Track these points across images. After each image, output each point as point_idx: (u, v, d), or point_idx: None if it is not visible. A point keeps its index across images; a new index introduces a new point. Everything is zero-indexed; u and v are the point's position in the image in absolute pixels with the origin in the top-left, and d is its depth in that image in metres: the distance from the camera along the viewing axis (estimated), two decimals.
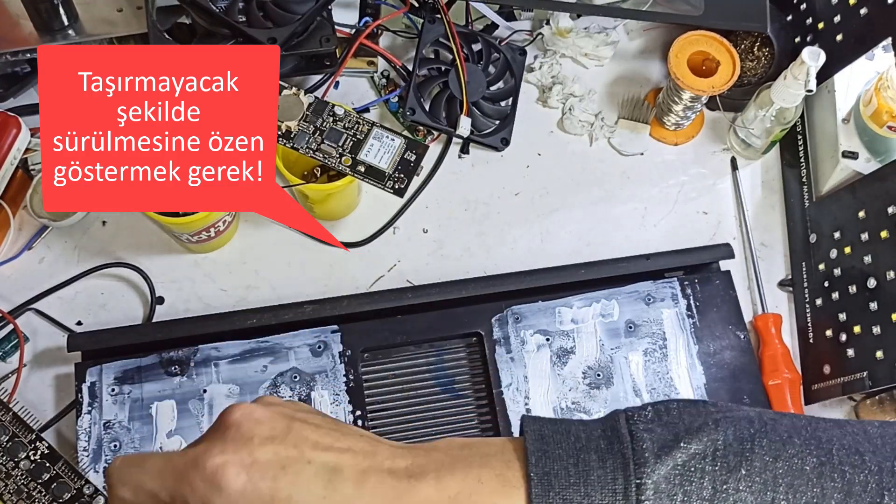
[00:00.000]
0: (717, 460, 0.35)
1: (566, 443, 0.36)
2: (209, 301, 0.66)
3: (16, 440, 0.56)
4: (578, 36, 0.75)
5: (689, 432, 0.36)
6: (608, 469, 0.35)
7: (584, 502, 0.35)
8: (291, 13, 0.66)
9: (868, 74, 0.68)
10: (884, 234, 0.60)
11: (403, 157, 0.59)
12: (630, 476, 0.35)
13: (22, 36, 0.66)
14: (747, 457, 0.35)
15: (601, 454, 0.35)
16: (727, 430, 0.36)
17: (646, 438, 0.36)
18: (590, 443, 0.36)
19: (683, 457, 0.35)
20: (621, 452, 0.35)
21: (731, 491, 0.35)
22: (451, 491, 0.34)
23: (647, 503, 0.34)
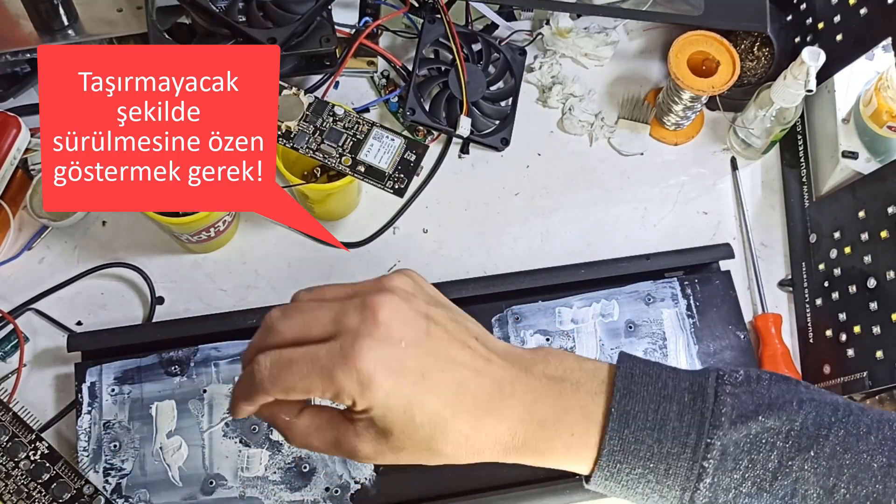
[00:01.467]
0: (789, 438, 0.37)
1: (653, 387, 0.38)
2: (209, 301, 0.66)
3: (16, 440, 0.56)
4: (578, 36, 0.75)
5: (771, 407, 0.37)
6: (685, 423, 0.37)
7: (655, 447, 0.37)
8: (291, 13, 0.66)
9: (868, 74, 0.68)
10: (884, 234, 0.60)
11: (403, 157, 0.59)
12: (703, 434, 0.37)
13: (22, 36, 0.66)
14: (820, 442, 0.36)
15: (682, 407, 0.38)
16: (808, 413, 0.37)
17: (727, 402, 0.37)
18: (675, 393, 0.38)
19: (758, 428, 0.37)
20: (701, 411, 0.37)
21: (795, 469, 0.36)
22: (539, 415, 0.38)
23: (713, 461, 0.36)
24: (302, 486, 0.57)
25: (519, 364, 0.39)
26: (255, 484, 0.57)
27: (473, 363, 0.38)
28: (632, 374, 0.39)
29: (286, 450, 0.58)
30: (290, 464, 0.58)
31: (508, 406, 0.38)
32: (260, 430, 0.59)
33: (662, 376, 0.39)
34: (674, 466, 0.37)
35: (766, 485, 0.36)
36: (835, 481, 0.36)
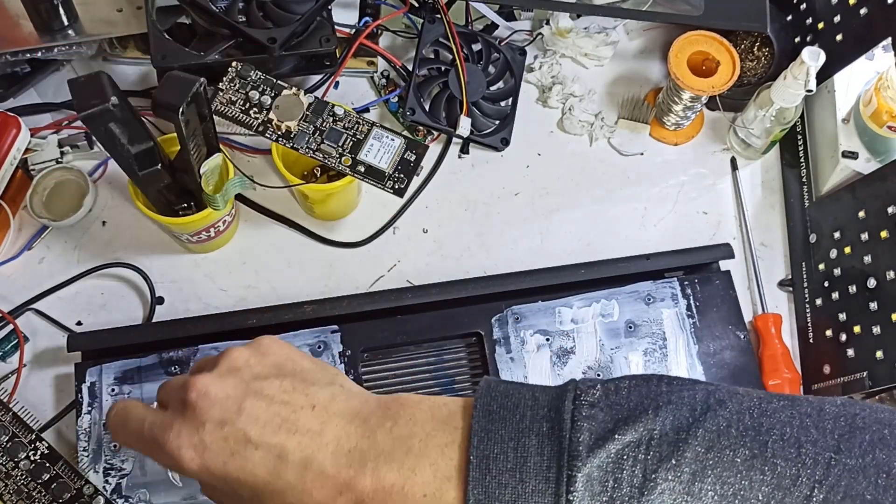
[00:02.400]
0: (650, 449, 0.36)
1: (511, 421, 0.37)
2: (209, 301, 0.66)
3: (16, 440, 0.56)
4: (578, 36, 0.75)
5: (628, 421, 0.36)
6: (545, 456, 0.36)
7: (519, 487, 0.36)
8: (291, 13, 0.66)
9: (868, 74, 0.68)
10: (884, 234, 0.60)
11: (403, 157, 0.59)
12: (563, 466, 0.36)
13: (22, 36, 0.66)
14: (679, 447, 0.36)
15: (541, 439, 0.36)
16: (665, 419, 0.36)
17: (584, 429, 0.36)
18: (533, 424, 0.37)
19: (618, 446, 0.36)
20: (559, 440, 0.36)
21: (659, 480, 0.35)
22: (386, 483, 0.36)
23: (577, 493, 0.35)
24: None
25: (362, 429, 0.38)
26: None
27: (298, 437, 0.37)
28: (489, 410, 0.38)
29: None
30: None
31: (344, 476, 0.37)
32: None
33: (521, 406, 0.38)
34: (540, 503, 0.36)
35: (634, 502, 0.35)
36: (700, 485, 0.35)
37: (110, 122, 0.50)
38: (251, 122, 0.59)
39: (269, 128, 0.59)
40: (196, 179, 0.56)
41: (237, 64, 0.60)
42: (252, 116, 0.59)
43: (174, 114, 0.49)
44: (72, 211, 0.66)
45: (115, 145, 0.52)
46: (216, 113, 0.59)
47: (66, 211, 0.66)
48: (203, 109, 0.53)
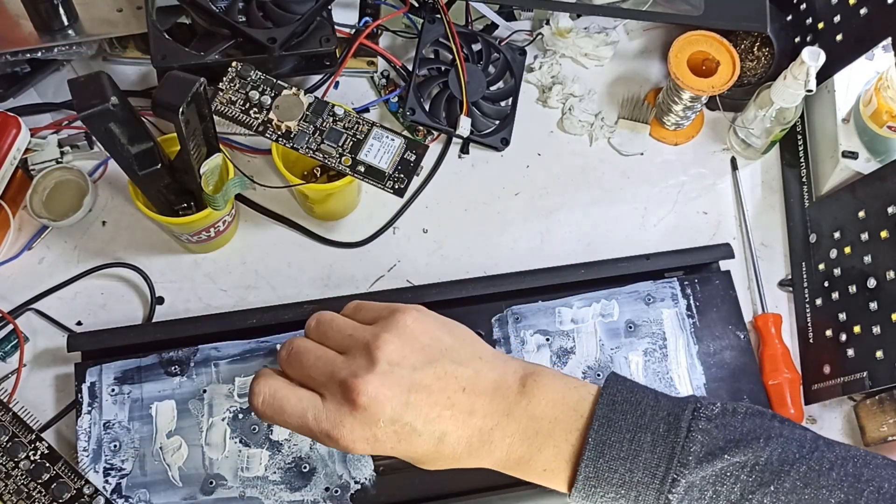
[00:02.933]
0: (753, 472, 0.39)
1: (632, 415, 0.41)
2: (209, 301, 0.66)
3: (16, 440, 0.56)
4: (578, 36, 0.75)
5: (739, 443, 0.39)
6: (656, 455, 0.40)
7: (627, 476, 0.40)
8: (291, 13, 0.66)
9: (868, 74, 0.68)
10: (884, 234, 0.60)
11: (403, 157, 0.59)
12: (671, 469, 0.39)
13: (22, 36, 0.66)
14: (781, 477, 0.38)
15: (656, 437, 0.40)
16: (774, 450, 0.39)
17: (697, 440, 0.39)
18: (651, 423, 0.41)
19: (725, 464, 0.39)
20: (672, 444, 0.40)
21: (755, 501, 0.38)
22: (515, 456, 0.43)
23: (677, 495, 0.39)
24: (302, 486, 0.57)
25: (503, 405, 0.44)
26: (255, 484, 0.57)
27: (454, 420, 0.43)
28: (614, 401, 0.42)
29: (286, 450, 0.58)
30: (290, 464, 0.58)
31: (486, 451, 0.44)
32: (260, 430, 0.59)
33: (643, 404, 0.42)
34: (643, 495, 0.40)
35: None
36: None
37: (110, 122, 0.50)
38: (251, 122, 0.59)
39: (269, 128, 0.59)
40: (196, 179, 0.56)
41: (237, 64, 0.60)
42: (252, 116, 0.59)
43: (174, 114, 0.49)
44: (72, 211, 0.66)
45: (115, 145, 0.52)
46: (216, 113, 0.59)
47: (66, 211, 0.66)
48: (203, 109, 0.53)
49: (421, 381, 0.43)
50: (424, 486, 0.58)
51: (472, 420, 0.43)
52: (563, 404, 0.43)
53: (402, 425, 0.42)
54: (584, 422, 0.42)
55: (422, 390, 0.42)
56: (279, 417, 0.44)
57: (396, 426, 0.42)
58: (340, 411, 0.42)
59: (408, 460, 0.44)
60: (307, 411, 0.43)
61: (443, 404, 0.43)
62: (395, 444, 0.42)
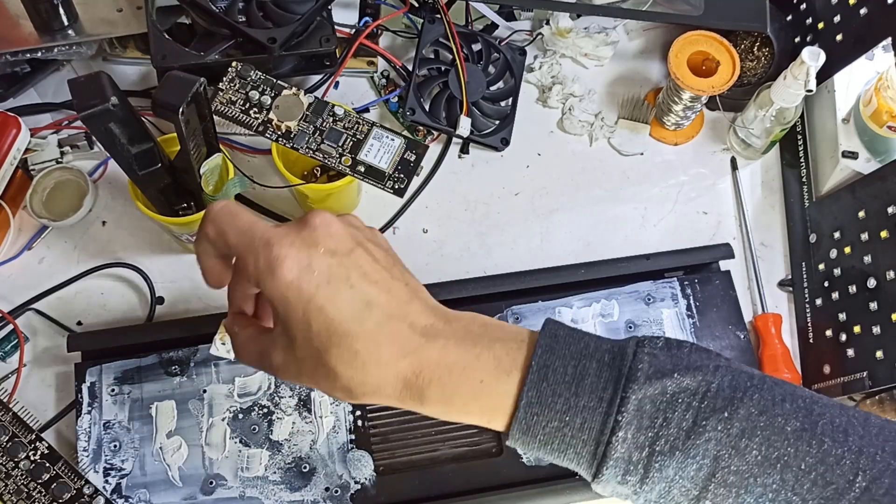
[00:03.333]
0: (705, 399, 0.37)
1: (575, 347, 0.39)
2: (209, 301, 0.66)
3: (16, 440, 0.56)
4: (578, 36, 0.75)
5: (689, 368, 0.38)
6: (602, 378, 0.38)
7: (572, 400, 0.37)
8: (291, 13, 0.66)
9: (868, 74, 0.68)
10: (884, 234, 0.60)
11: (403, 157, 0.59)
12: (618, 389, 0.37)
13: (22, 36, 0.66)
14: (734, 404, 0.37)
15: (601, 364, 0.38)
16: (724, 377, 0.38)
17: (645, 360, 0.38)
18: (596, 352, 0.39)
19: (673, 387, 0.37)
20: (619, 367, 0.38)
21: (709, 429, 0.36)
22: (449, 359, 0.38)
23: (626, 415, 0.36)
24: (302, 486, 0.57)
25: (440, 314, 0.40)
26: (255, 484, 0.57)
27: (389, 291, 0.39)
28: (556, 334, 0.39)
29: (286, 450, 0.58)
30: (290, 464, 0.58)
31: (416, 342, 0.38)
32: (260, 431, 0.59)
33: (585, 339, 0.40)
34: (589, 420, 0.37)
35: (679, 443, 0.36)
36: (747, 442, 0.36)
37: (110, 122, 0.50)
38: (251, 122, 0.59)
39: (269, 128, 0.59)
40: (196, 179, 0.56)
41: (237, 64, 0.60)
42: (252, 116, 0.59)
43: (174, 114, 0.49)
44: (72, 211, 0.66)
45: (115, 145, 0.52)
46: (216, 113, 0.59)
47: (66, 211, 0.66)
48: (203, 109, 0.53)
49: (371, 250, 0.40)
50: (424, 486, 0.58)
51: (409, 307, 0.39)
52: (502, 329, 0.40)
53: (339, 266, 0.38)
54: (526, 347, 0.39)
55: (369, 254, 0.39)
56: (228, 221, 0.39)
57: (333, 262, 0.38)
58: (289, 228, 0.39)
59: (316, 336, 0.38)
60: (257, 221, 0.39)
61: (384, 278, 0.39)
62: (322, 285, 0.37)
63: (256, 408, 0.59)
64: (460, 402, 0.39)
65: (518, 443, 0.39)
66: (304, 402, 0.60)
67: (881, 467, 0.36)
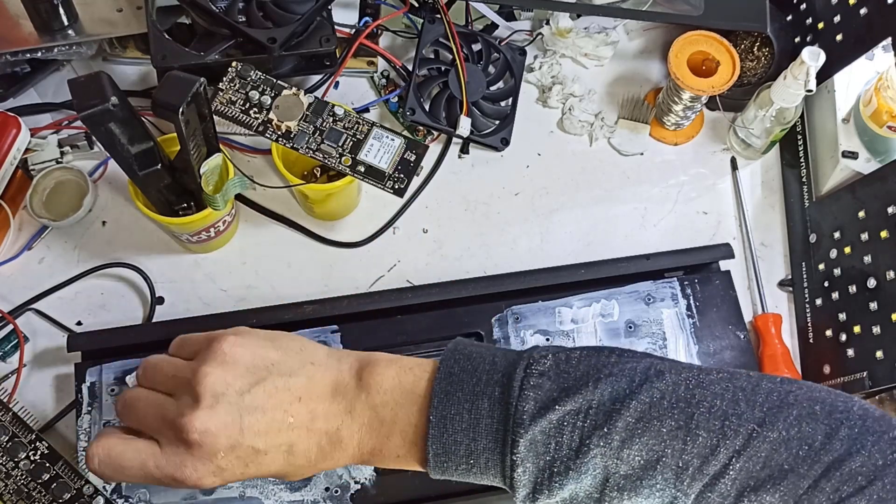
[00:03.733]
0: (587, 417, 0.40)
1: (468, 384, 0.42)
2: (209, 301, 0.66)
3: (16, 440, 0.56)
4: (578, 36, 0.75)
5: (570, 391, 0.40)
6: (495, 419, 0.41)
7: (472, 445, 0.41)
8: (291, 13, 0.66)
9: (868, 74, 0.68)
10: (884, 234, 0.60)
11: (403, 157, 0.59)
12: (508, 431, 0.40)
13: (22, 36, 0.66)
14: (612, 417, 0.39)
15: (492, 403, 0.41)
16: (605, 390, 0.40)
17: (529, 398, 0.40)
18: (487, 388, 0.42)
19: (559, 414, 0.40)
20: (506, 405, 0.41)
21: (593, 445, 0.39)
22: (367, 449, 0.44)
23: (519, 454, 0.40)
24: (302, 486, 0.57)
25: (343, 404, 0.44)
26: (254, 484, 0.57)
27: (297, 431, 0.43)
28: (451, 373, 0.43)
29: None
30: None
31: (339, 451, 0.44)
32: None
33: (479, 370, 0.43)
34: (491, 460, 0.41)
35: (570, 463, 0.39)
36: (628, 451, 0.39)
37: (110, 122, 0.50)
38: (251, 122, 0.59)
39: (269, 128, 0.59)
40: (196, 179, 0.56)
41: (237, 64, 0.60)
42: (252, 116, 0.59)
43: (174, 114, 0.49)
44: (72, 211, 0.66)
45: (115, 145, 0.52)
46: (216, 113, 0.59)
47: (66, 211, 0.66)
48: (203, 109, 0.53)
49: (252, 403, 0.42)
50: (424, 486, 0.58)
51: (316, 425, 0.43)
52: (400, 389, 0.44)
53: (244, 450, 0.42)
54: (424, 401, 0.43)
55: (254, 412, 0.42)
56: (120, 475, 0.43)
57: (238, 452, 0.42)
58: (178, 453, 0.42)
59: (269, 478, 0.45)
60: (147, 461, 0.42)
61: (280, 420, 0.43)
62: (244, 469, 0.42)
63: None
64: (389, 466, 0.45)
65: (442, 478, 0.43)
66: None
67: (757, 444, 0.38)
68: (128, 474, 0.43)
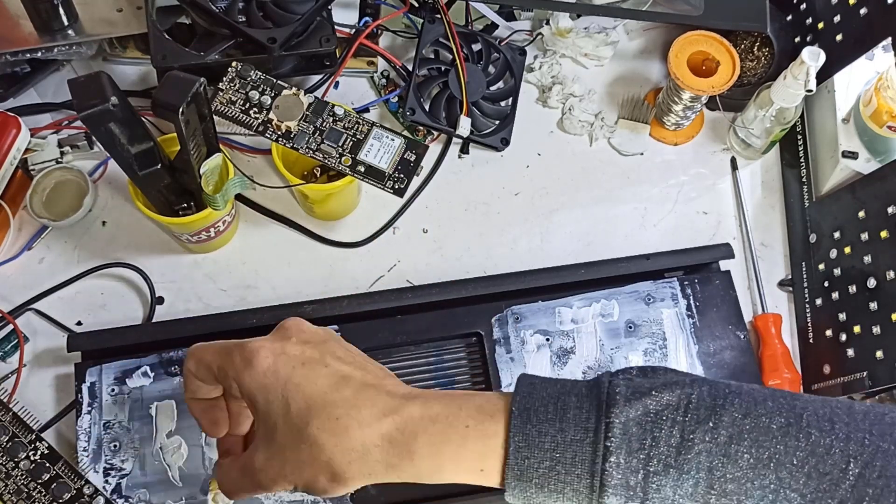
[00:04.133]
0: (688, 412, 0.37)
1: (551, 388, 0.40)
2: (209, 301, 0.66)
3: (16, 440, 0.56)
4: (578, 36, 0.75)
5: (665, 385, 0.38)
6: (584, 409, 0.38)
7: (559, 437, 0.38)
8: (291, 13, 0.66)
9: (868, 74, 0.68)
10: (884, 234, 0.60)
11: (403, 157, 0.59)
12: (601, 415, 0.37)
13: (22, 36, 0.66)
14: (717, 411, 0.37)
15: (580, 397, 0.39)
16: (702, 388, 0.38)
17: (621, 384, 0.38)
18: (573, 388, 0.40)
19: (654, 405, 0.37)
20: (597, 396, 0.38)
21: (696, 441, 0.36)
22: (432, 411, 0.39)
23: (615, 440, 0.37)
24: None
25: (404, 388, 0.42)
26: None
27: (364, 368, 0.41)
28: (531, 381, 0.41)
29: None
30: None
31: (395, 402, 0.40)
32: None
33: (560, 382, 0.41)
34: (579, 453, 0.37)
35: (671, 461, 0.36)
36: (736, 447, 0.36)
37: (110, 122, 0.50)
38: (251, 122, 0.59)
39: (269, 128, 0.59)
40: (196, 179, 0.56)
41: (237, 64, 0.60)
42: (252, 116, 0.59)
43: (174, 114, 0.49)
44: (72, 211, 0.66)
45: (115, 145, 0.52)
46: (216, 113, 0.59)
47: (66, 211, 0.66)
48: (203, 109, 0.53)
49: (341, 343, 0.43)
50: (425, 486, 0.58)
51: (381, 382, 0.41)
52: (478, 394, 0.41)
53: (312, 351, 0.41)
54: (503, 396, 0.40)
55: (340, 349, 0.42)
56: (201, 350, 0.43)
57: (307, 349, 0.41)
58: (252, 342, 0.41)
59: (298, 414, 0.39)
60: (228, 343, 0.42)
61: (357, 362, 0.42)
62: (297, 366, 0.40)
63: None
64: (450, 451, 0.39)
65: (516, 491, 0.39)
66: None
67: (871, 451, 0.36)
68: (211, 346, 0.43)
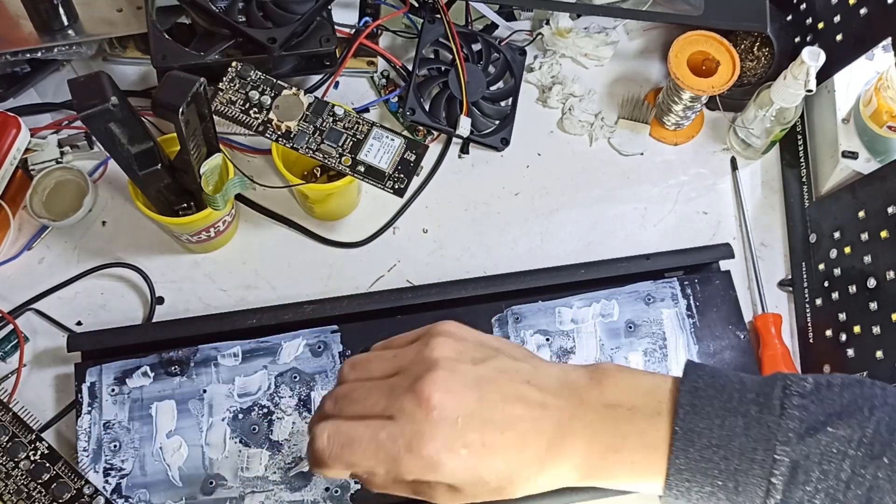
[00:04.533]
0: (861, 446, 0.36)
1: (718, 400, 0.38)
2: (209, 301, 0.66)
3: (16, 440, 0.56)
4: (578, 36, 0.75)
5: (841, 416, 0.36)
6: (751, 438, 0.36)
7: (722, 464, 0.37)
8: (291, 13, 0.66)
9: (868, 74, 0.68)
10: (884, 234, 0.60)
11: (403, 157, 0.59)
12: (770, 450, 0.36)
13: (22, 36, 0.66)
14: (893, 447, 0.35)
15: (748, 420, 0.37)
16: (881, 419, 0.36)
17: (795, 416, 0.36)
18: (741, 406, 0.38)
19: (828, 439, 0.36)
20: (767, 424, 0.36)
21: (868, 477, 0.35)
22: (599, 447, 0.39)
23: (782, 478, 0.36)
24: (302, 486, 0.57)
25: (573, 396, 0.40)
26: (255, 484, 0.57)
27: (530, 414, 0.39)
28: (696, 387, 0.39)
29: (286, 450, 0.58)
30: (289, 464, 0.58)
31: (569, 445, 0.39)
32: (260, 431, 0.59)
33: (728, 388, 0.39)
34: (742, 484, 0.37)
35: (839, 495, 0.35)
36: None
37: (110, 122, 0.50)
38: (251, 122, 0.59)
39: (269, 128, 0.59)
40: (196, 179, 0.56)
41: (237, 64, 0.60)
42: (252, 116, 0.59)
43: (174, 114, 0.49)
44: (72, 211, 0.66)
45: (115, 145, 0.52)
46: (216, 113, 0.59)
47: (66, 211, 0.66)
48: (203, 109, 0.53)
49: (485, 374, 0.40)
50: None
51: (546, 413, 0.39)
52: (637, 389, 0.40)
53: (481, 422, 0.38)
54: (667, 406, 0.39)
55: (489, 383, 0.39)
56: (348, 451, 0.39)
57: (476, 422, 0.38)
58: (415, 419, 0.38)
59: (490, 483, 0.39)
60: (378, 431, 0.38)
61: (514, 396, 0.39)
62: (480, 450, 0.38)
63: (256, 408, 0.59)
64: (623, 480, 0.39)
65: None
66: (304, 401, 0.60)
67: None
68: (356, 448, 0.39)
